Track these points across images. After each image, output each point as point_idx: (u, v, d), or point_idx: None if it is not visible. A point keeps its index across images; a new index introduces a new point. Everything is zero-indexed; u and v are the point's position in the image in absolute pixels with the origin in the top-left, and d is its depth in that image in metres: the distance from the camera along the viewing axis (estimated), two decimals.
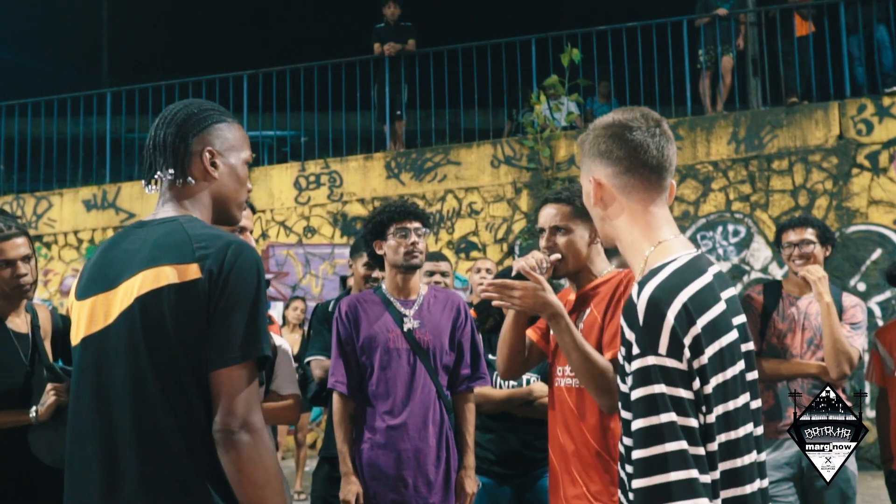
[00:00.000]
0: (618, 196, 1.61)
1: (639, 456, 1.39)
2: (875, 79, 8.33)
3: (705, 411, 1.42)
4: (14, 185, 10.51)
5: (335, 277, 8.81)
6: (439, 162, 8.87)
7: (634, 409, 1.42)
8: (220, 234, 1.74)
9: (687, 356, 1.41)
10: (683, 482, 1.35)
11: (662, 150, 1.60)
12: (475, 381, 3.28)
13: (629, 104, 9.69)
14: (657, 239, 1.59)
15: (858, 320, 3.58)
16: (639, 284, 1.49)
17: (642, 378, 1.41)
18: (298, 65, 9.64)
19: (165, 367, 1.67)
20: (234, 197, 1.91)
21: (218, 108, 1.91)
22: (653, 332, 1.41)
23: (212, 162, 1.85)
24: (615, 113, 1.65)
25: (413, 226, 3.19)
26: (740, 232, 8.10)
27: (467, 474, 3.19)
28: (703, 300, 1.46)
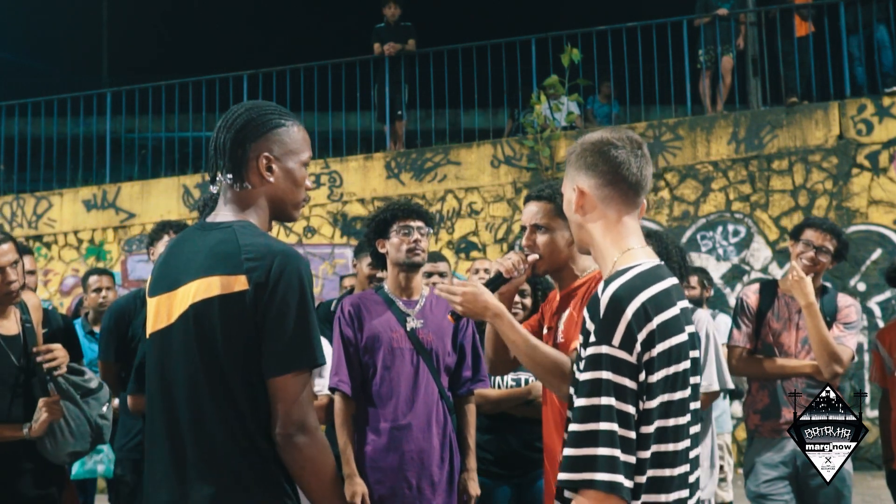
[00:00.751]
0: (598, 205, 1.81)
1: (574, 429, 1.59)
2: (875, 79, 8.33)
3: (646, 399, 1.61)
4: (14, 185, 10.51)
5: (335, 277, 8.80)
6: (439, 162, 8.87)
7: (580, 389, 1.62)
8: (270, 244, 1.81)
9: (638, 350, 1.61)
10: (608, 458, 1.55)
11: (642, 169, 1.81)
12: (476, 384, 3.28)
13: (629, 104, 9.74)
14: (625, 247, 1.79)
15: (852, 320, 3.58)
16: (605, 282, 1.69)
17: (593, 363, 1.61)
18: (298, 65, 9.63)
19: (214, 374, 1.78)
20: (291, 198, 1.96)
21: (278, 111, 1.96)
22: (611, 324, 1.62)
23: (268, 167, 1.91)
24: (603, 132, 1.86)
25: (416, 224, 3.19)
26: (740, 232, 8.10)
27: (470, 476, 3.19)
28: (660, 302, 1.67)
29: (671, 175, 8.32)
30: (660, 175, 8.33)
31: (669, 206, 8.27)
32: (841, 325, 3.56)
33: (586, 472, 1.55)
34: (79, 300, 6.22)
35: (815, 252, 3.57)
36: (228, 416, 1.77)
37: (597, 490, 1.54)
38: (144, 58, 17.83)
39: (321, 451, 1.79)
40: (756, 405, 3.66)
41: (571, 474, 1.57)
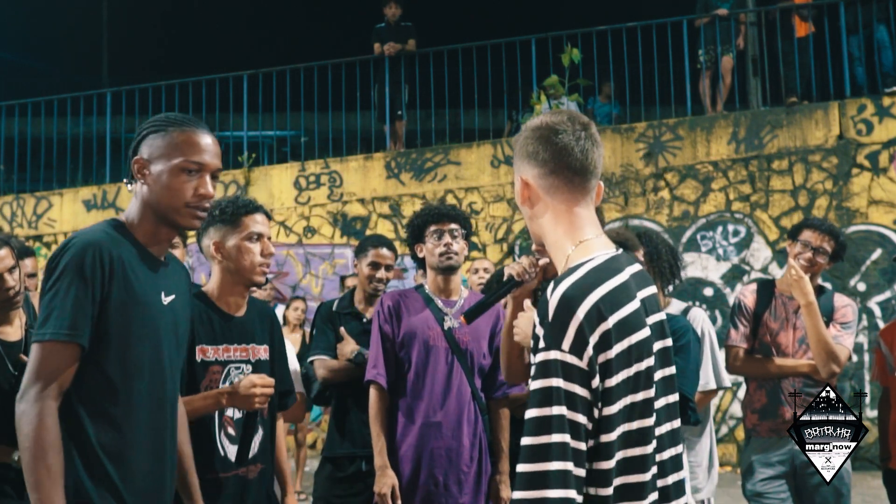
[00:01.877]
0: (543, 196, 1.69)
1: (527, 443, 1.48)
2: (875, 79, 8.33)
3: (604, 405, 1.50)
4: (14, 185, 10.52)
5: (335, 277, 8.80)
6: (439, 162, 8.87)
7: (531, 398, 1.50)
8: (76, 235, 1.96)
9: (589, 354, 1.49)
10: (560, 472, 1.45)
11: (587, 153, 1.67)
12: (512, 388, 3.27)
13: (629, 104, 9.73)
14: (579, 238, 1.66)
15: (849, 320, 3.59)
16: (554, 282, 1.56)
17: (543, 371, 1.49)
18: (298, 65, 9.64)
19: None
20: (166, 203, 2.01)
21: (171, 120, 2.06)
22: (560, 328, 1.49)
23: (139, 171, 2.03)
24: (544, 116, 1.73)
25: (449, 227, 3.22)
26: (740, 232, 8.10)
27: (502, 479, 3.20)
28: (615, 299, 1.54)
29: (671, 175, 8.32)
30: (660, 175, 8.33)
31: (669, 206, 8.27)
32: (838, 325, 3.57)
33: (539, 489, 1.46)
34: None
35: (813, 253, 3.58)
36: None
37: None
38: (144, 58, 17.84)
39: (33, 423, 1.82)
40: (754, 405, 3.67)
41: (526, 492, 1.48)
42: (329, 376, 3.60)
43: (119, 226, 2.05)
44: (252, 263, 2.59)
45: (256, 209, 2.65)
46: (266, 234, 2.65)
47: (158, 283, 2.05)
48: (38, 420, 1.83)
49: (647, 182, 8.35)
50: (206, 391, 2.51)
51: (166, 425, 2.05)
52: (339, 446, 3.57)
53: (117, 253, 1.95)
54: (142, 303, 1.98)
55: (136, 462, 1.96)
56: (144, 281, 2.00)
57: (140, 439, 1.97)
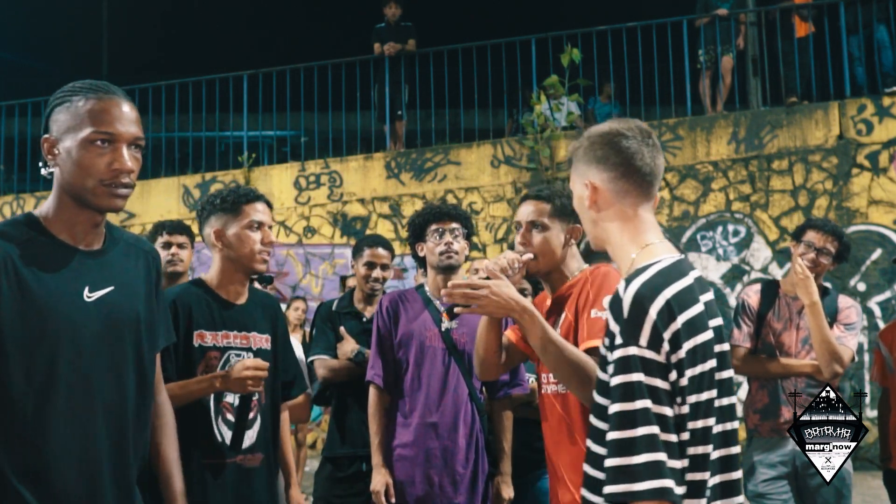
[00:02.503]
0: (612, 200, 1.74)
1: (612, 437, 1.51)
2: (875, 79, 8.33)
3: (679, 402, 1.54)
4: (14, 185, 10.52)
5: (335, 277, 8.81)
6: (439, 162, 8.87)
7: (612, 394, 1.54)
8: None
9: (666, 349, 1.53)
10: (651, 464, 1.47)
11: (654, 159, 1.76)
12: (513, 388, 3.27)
13: (629, 104, 9.73)
14: (644, 242, 1.71)
15: (852, 321, 3.59)
16: (625, 281, 1.61)
17: (623, 366, 1.53)
18: (298, 65, 9.64)
19: None
20: (79, 183, 1.79)
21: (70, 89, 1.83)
22: (636, 324, 1.54)
23: (49, 151, 1.81)
24: (611, 122, 1.78)
25: (450, 226, 3.22)
26: (740, 232, 8.10)
27: (504, 480, 3.21)
28: (683, 300, 1.59)
29: (671, 175, 8.32)
30: None
31: (669, 206, 8.27)
32: (842, 326, 3.57)
33: (627, 483, 1.48)
34: None
35: (817, 253, 3.57)
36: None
37: (642, 500, 1.46)
38: (144, 58, 17.84)
39: None
40: (755, 405, 3.67)
41: (614, 486, 1.49)
42: (329, 376, 3.61)
43: (26, 219, 1.84)
44: (252, 251, 2.60)
45: (257, 198, 2.66)
46: (267, 223, 2.65)
47: (80, 276, 1.81)
48: None
49: None
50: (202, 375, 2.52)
51: (101, 436, 1.80)
52: (340, 446, 3.57)
53: (5, 252, 1.72)
54: (44, 303, 1.74)
55: (57, 481, 1.74)
56: (52, 277, 1.76)
57: (61, 456, 1.74)
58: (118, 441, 1.85)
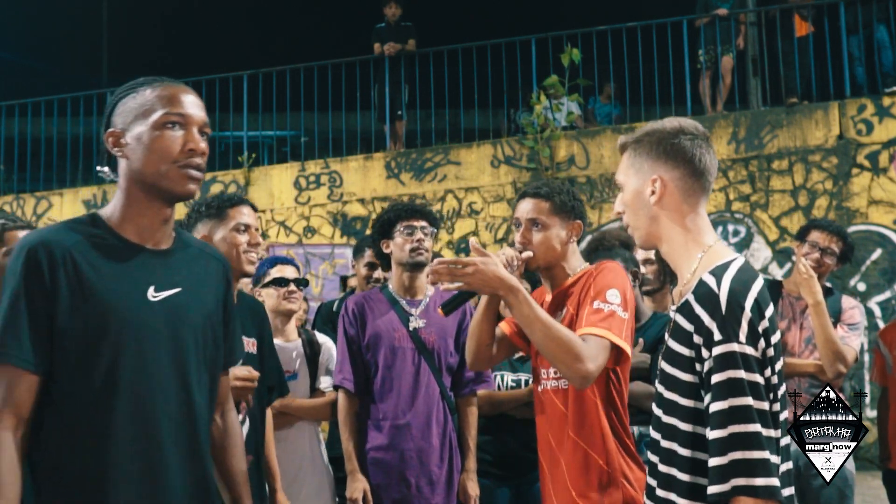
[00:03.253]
0: (679, 198, 1.73)
1: (717, 436, 1.52)
2: (875, 79, 8.33)
3: (772, 398, 1.58)
4: (14, 185, 10.51)
5: (335, 277, 8.80)
6: (439, 162, 8.87)
7: (714, 391, 1.54)
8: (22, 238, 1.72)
9: (762, 345, 1.56)
10: (762, 461, 1.49)
11: (714, 162, 1.76)
12: (479, 385, 3.28)
13: (629, 104, 9.71)
14: (706, 242, 1.72)
15: (856, 321, 3.59)
16: (714, 276, 1.60)
17: (725, 363, 1.54)
18: (298, 65, 9.63)
19: None
20: (151, 169, 1.73)
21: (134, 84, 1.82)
22: (734, 320, 1.55)
23: (115, 144, 1.77)
24: (676, 120, 1.77)
25: (420, 224, 3.20)
26: (740, 232, 8.10)
27: (469, 477, 3.20)
28: (765, 297, 1.62)
29: None
30: None
31: None
32: (845, 326, 3.57)
33: (742, 477, 1.48)
34: None
35: (821, 254, 3.57)
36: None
37: (757, 497, 1.48)
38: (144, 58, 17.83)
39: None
40: None
41: (723, 485, 1.49)
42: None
43: (90, 218, 1.77)
44: (240, 254, 2.62)
45: (242, 201, 2.68)
46: (253, 226, 2.67)
47: (145, 276, 1.73)
48: None
49: None
50: None
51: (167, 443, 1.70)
52: (340, 446, 3.57)
53: (65, 249, 1.65)
54: (105, 301, 1.66)
55: (120, 489, 1.64)
56: (115, 275, 1.69)
57: (122, 464, 1.65)
58: (189, 450, 1.75)
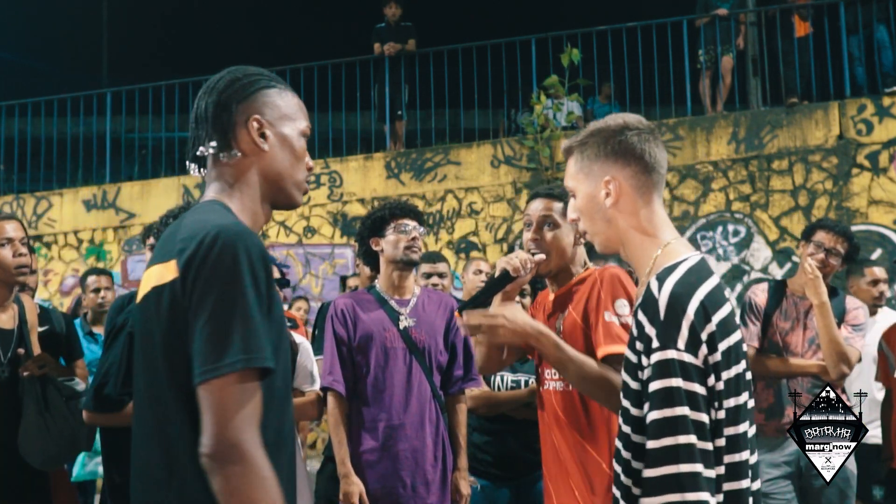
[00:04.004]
0: (633, 196, 1.66)
1: (651, 446, 1.45)
2: (875, 79, 8.33)
3: (717, 407, 1.48)
4: (14, 185, 10.51)
5: (335, 277, 8.81)
6: (439, 162, 8.87)
7: (651, 400, 1.47)
8: (208, 220, 1.47)
9: (704, 352, 1.47)
10: (690, 475, 1.41)
11: (663, 153, 1.71)
12: (468, 383, 3.28)
13: (629, 104, 9.71)
14: (663, 240, 1.64)
15: (860, 322, 3.59)
16: (657, 279, 1.53)
17: (661, 371, 1.46)
18: (298, 65, 9.64)
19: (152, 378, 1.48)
20: (290, 174, 1.63)
21: (267, 74, 1.70)
22: (673, 326, 1.47)
23: (260, 133, 1.60)
24: (620, 117, 1.70)
25: (412, 224, 3.20)
26: (740, 232, 8.10)
27: (461, 476, 3.19)
28: (716, 299, 1.52)
29: (671, 175, 8.31)
30: None
31: (669, 206, 8.26)
32: (849, 327, 3.56)
33: (671, 493, 1.41)
34: (77, 300, 6.21)
35: (826, 254, 3.57)
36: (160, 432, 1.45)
37: None
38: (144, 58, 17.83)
39: (255, 482, 1.34)
40: (760, 404, 3.67)
41: (654, 498, 1.43)
42: None
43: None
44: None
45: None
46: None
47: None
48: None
49: None
50: None
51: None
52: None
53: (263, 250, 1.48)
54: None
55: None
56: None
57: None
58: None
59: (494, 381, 3.52)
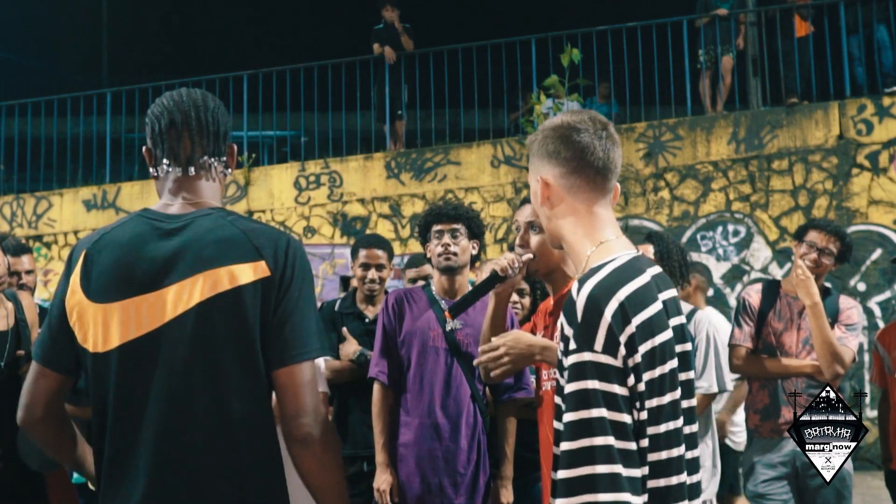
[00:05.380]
0: (564, 196, 1.66)
1: (566, 448, 1.44)
2: (875, 79, 8.33)
3: (638, 407, 1.47)
4: (14, 185, 10.51)
5: (335, 277, 8.81)
6: (439, 162, 8.87)
7: (567, 402, 1.46)
8: (272, 230, 1.75)
9: (622, 353, 1.46)
10: (607, 476, 1.40)
11: (608, 152, 1.65)
12: (517, 392, 3.26)
13: (629, 104, 9.72)
14: (599, 239, 1.63)
15: (853, 322, 3.58)
16: (579, 282, 1.53)
17: (577, 373, 1.45)
18: (298, 65, 9.64)
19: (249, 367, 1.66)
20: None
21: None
22: (590, 328, 1.46)
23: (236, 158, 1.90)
24: (564, 115, 1.69)
25: (451, 227, 3.21)
26: (740, 232, 8.10)
27: (504, 484, 3.20)
28: (639, 300, 1.51)
29: (671, 175, 8.32)
30: (660, 175, 8.33)
31: (669, 206, 8.27)
32: (843, 327, 3.56)
33: (586, 493, 1.40)
34: None
35: (819, 254, 3.56)
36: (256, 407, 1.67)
37: None
38: (144, 58, 17.83)
39: (337, 443, 1.71)
40: (756, 405, 3.67)
41: (570, 499, 1.41)
42: (331, 377, 3.61)
43: None
44: None
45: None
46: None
47: None
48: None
49: (646, 182, 8.35)
50: None
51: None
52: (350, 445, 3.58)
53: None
54: None
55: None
56: None
57: None
58: None
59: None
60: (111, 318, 1.67)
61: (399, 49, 9.29)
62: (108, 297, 1.67)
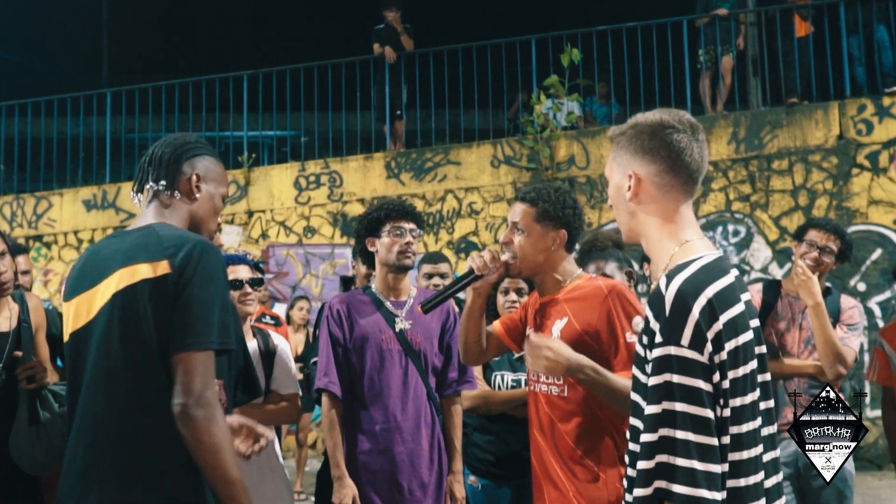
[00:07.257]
0: (655, 194, 1.67)
1: (646, 440, 1.47)
2: (875, 79, 8.33)
3: (722, 404, 1.48)
4: (14, 185, 10.51)
5: (335, 277, 8.81)
6: (439, 162, 8.87)
7: (650, 395, 1.49)
8: (188, 236, 1.94)
9: (709, 350, 1.48)
10: (684, 469, 1.42)
11: (702, 155, 1.67)
12: (463, 385, 3.26)
13: (629, 104, 9.72)
14: (683, 239, 1.65)
15: (855, 322, 3.57)
16: (667, 277, 1.55)
17: (661, 366, 1.48)
18: (298, 65, 9.64)
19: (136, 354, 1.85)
20: (206, 222, 2.11)
21: (207, 144, 2.17)
22: (677, 323, 1.49)
23: (196, 185, 2.08)
24: (660, 113, 1.70)
25: (409, 226, 3.16)
26: (740, 232, 8.10)
27: (456, 479, 3.17)
28: (726, 298, 1.53)
29: None
30: None
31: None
32: (844, 327, 3.55)
33: (663, 480, 1.43)
34: None
35: (819, 252, 3.56)
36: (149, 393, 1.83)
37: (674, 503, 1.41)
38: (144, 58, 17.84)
39: (216, 425, 1.80)
40: None
41: (646, 489, 1.44)
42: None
43: None
44: None
45: None
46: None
47: None
48: None
49: None
50: None
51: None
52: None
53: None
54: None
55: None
56: None
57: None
58: None
59: (494, 380, 3.52)
60: (69, 313, 2.00)
61: (399, 49, 9.29)
62: (70, 296, 2.01)
